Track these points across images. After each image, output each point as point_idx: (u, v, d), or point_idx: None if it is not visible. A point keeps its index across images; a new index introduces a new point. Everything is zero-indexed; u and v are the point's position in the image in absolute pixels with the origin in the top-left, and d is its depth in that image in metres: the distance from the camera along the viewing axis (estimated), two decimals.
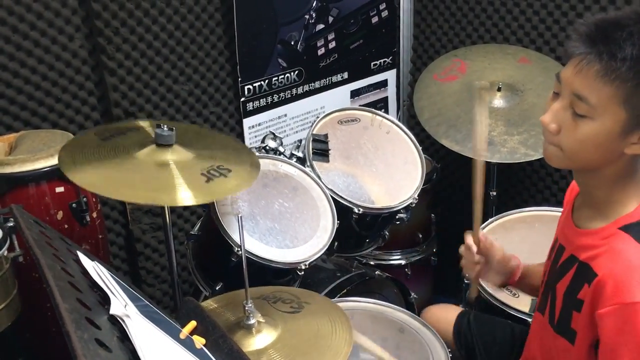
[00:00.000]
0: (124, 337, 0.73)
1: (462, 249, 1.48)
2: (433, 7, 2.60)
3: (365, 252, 2.12)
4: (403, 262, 2.40)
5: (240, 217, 1.17)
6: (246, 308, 1.19)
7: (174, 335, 0.90)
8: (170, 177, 1.42)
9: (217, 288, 1.68)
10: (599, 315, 1.09)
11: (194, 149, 1.52)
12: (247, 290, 1.18)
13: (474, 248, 1.44)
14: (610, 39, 1.05)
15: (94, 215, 1.80)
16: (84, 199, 1.73)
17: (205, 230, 1.74)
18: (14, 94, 1.87)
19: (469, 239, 1.46)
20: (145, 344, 0.71)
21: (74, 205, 1.72)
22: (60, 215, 1.71)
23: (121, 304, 0.79)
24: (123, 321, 0.75)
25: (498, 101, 2.10)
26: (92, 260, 0.94)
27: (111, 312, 0.76)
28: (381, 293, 2.02)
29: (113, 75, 1.99)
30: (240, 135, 2.34)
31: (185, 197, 1.36)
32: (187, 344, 0.93)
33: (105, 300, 0.79)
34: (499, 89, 2.10)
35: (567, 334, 1.20)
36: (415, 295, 2.07)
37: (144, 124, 1.62)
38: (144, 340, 0.73)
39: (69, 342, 0.58)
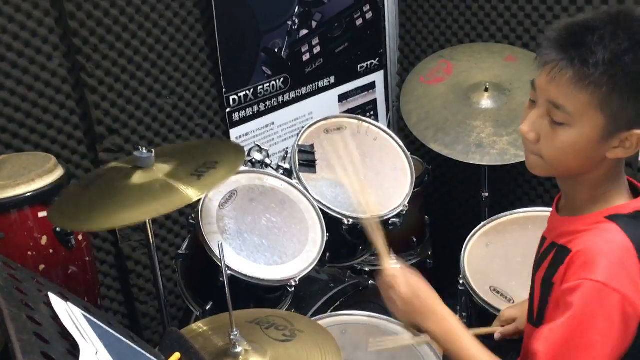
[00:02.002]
0: None
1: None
2: (418, 7, 2.56)
3: (360, 260, 2.09)
4: (398, 266, 2.36)
5: (221, 244, 1.14)
6: (231, 337, 1.16)
7: None
8: (163, 187, 1.42)
9: (207, 308, 1.65)
10: (563, 289, 1.06)
11: (175, 160, 1.51)
12: (231, 318, 1.16)
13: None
14: (581, 44, 1.03)
15: (80, 237, 1.77)
16: None
17: (192, 249, 1.71)
18: None
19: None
20: None
21: (58, 229, 1.69)
22: (44, 240, 1.68)
23: (92, 351, 0.76)
24: None
25: (485, 102, 2.07)
26: (66, 300, 0.91)
27: None
28: (377, 302, 1.99)
29: (94, 93, 1.96)
30: None
31: (183, 197, 1.38)
32: None
33: (75, 348, 0.77)
34: (486, 90, 2.07)
35: (543, 323, 1.16)
36: None
37: (118, 163, 1.63)
38: None
39: None
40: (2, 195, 1.61)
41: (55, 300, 0.87)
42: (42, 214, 1.66)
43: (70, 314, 0.85)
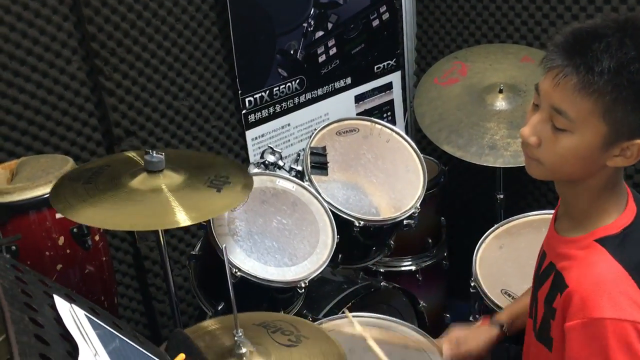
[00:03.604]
0: None
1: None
2: (435, 7, 2.56)
3: (373, 261, 2.09)
4: (414, 268, 2.37)
5: (225, 247, 1.16)
6: (235, 338, 1.18)
7: None
8: (178, 198, 1.43)
9: (219, 308, 1.67)
10: (566, 327, 1.08)
11: (184, 169, 1.53)
12: (236, 320, 1.17)
13: None
14: (587, 51, 1.02)
15: (97, 238, 1.80)
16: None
17: (204, 251, 1.73)
18: (14, 120, 1.88)
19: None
20: None
21: (74, 230, 1.72)
22: (61, 240, 1.71)
23: (91, 353, 0.78)
24: None
25: (500, 103, 2.06)
26: (72, 302, 0.93)
27: None
28: (389, 303, 2.00)
29: (112, 96, 2.00)
30: (244, 148, 2.33)
31: (211, 211, 1.41)
32: None
33: (75, 350, 0.79)
34: (500, 91, 2.06)
35: (546, 342, 1.19)
36: (424, 304, 2.05)
37: (130, 154, 1.63)
38: None
39: None
40: (21, 197, 1.65)
41: (60, 302, 0.89)
42: (60, 215, 1.70)
43: (73, 316, 0.88)
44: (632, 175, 2.22)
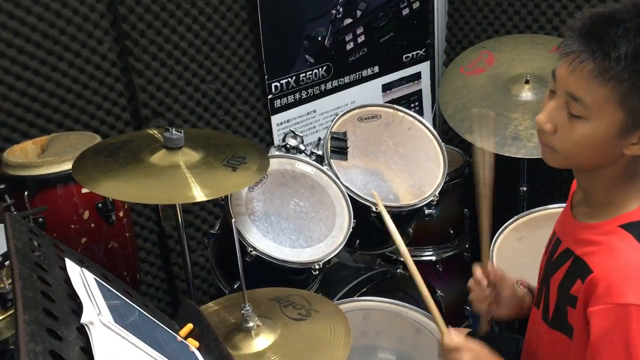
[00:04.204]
0: (90, 347, 0.75)
1: (470, 282, 1.43)
2: None
3: (393, 249, 2.10)
4: (434, 258, 2.36)
5: (234, 221, 1.19)
6: (243, 312, 1.21)
7: (159, 344, 0.92)
8: (197, 174, 1.45)
9: (235, 287, 1.70)
10: (589, 312, 1.06)
11: (202, 147, 1.56)
12: (244, 294, 1.20)
13: (484, 282, 1.39)
14: (604, 36, 0.99)
15: (121, 214, 1.85)
16: (110, 199, 1.79)
17: (222, 230, 1.77)
18: (47, 97, 1.94)
19: (478, 272, 1.41)
20: (106, 352, 0.74)
21: (99, 205, 1.77)
22: (86, 214, 1.77)
23: (94, 312, 0.82)
24: (89, 329, 0.77)
25: (525, 94, 2.03)
26: (82, 265, 0.97)
27: (81, 320, 0.79)
28: (406, 291, 2.00)
29: (141, 77, 2.05)
30: (269, 132, 2.36)
31: (224, 188, 1.44)
32: (173, 352, 0.95)
33: (80, 309, 0.82)
34: (526, 82, 2.03)
35: (565, 329, 1.16)
36: (441, 294, 2.04)
37: (152, 131, 1.66)
38: (107, 348, 0.75)
39: (17, 356, 0.61)
40: (49, 171, 1.71)
41: (70, 265, 0.93)
42: (85, 190, 1.75)
43: (82, 278, 0.91)
44: None
